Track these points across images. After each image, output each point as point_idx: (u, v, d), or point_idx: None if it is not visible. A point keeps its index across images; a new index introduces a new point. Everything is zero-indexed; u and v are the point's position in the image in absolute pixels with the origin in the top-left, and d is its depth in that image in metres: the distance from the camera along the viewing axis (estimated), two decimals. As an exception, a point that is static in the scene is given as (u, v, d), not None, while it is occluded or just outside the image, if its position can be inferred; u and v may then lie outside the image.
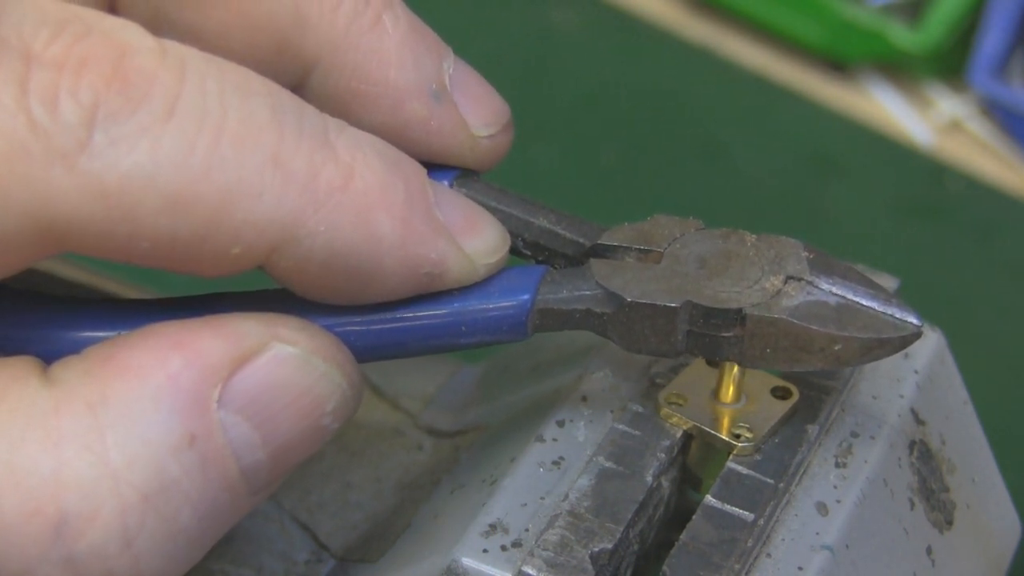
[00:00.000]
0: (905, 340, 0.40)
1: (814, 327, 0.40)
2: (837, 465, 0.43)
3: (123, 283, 0.54)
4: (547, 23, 0.95)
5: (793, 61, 0.93)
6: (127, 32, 0.35)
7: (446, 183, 0.43)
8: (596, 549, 0.40)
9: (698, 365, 0.45)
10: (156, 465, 0.35)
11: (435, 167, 0.42)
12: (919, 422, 0.46)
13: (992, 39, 0.87)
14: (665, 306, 0.40)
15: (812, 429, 0.44)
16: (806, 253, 0.41)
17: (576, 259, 0.42)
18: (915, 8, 0.90)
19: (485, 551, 0.41)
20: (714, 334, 0.40)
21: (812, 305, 0.40)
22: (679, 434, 0.44)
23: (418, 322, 0.40)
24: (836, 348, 0.40)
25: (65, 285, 0.52)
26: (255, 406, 0.36)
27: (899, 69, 0.92)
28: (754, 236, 0.42)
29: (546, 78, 0.92)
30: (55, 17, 0.35)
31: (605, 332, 0.40)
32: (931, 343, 0.47)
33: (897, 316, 0.40)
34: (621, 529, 0.41)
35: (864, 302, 0.40)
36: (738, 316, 0.40)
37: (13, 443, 0.34)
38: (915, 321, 0.40)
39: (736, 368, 0.43)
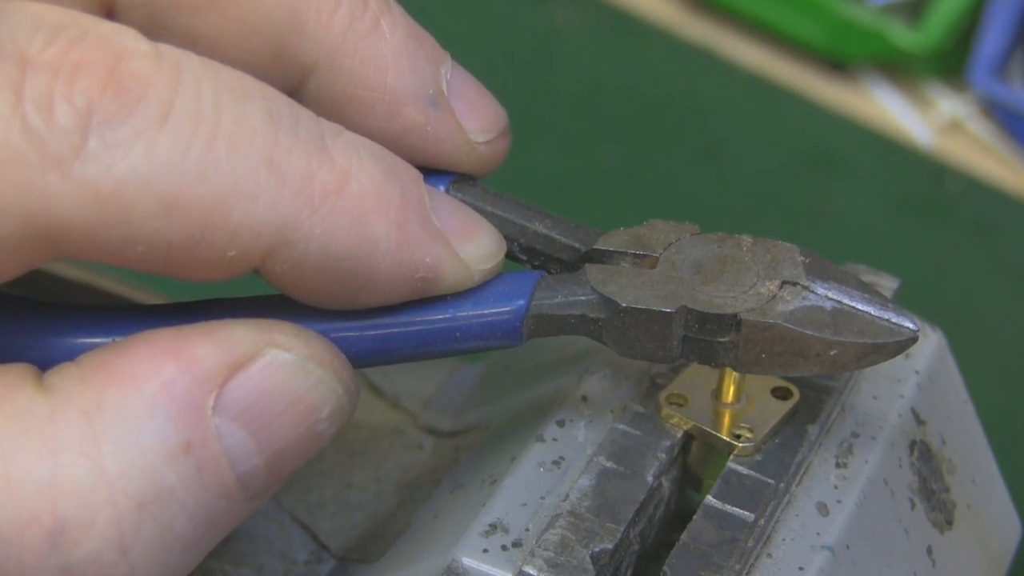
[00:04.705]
0: (901, 345, 0.40)
1: (809, 332, 0.39)
2: (838, 465, 0.43)
3: (122, 283, 0.54)
4: (547, 24, 0.95)
5: (793, 61, 0.93)
6: (122, 37, 0.35)
7: (442, 188, 0.43)
8: (596, 549, 0.40)
9: (698, 365, 0.45)
10: (152, 472, 0.35)
11: (432, 172, 0.42)
12: (919, 422, 0.46)
13: (992, 39, 0.87)
14: (660, 311, 0.40)
15: (813, 429, 0.44)
16: (802, 257, 0.41)
17: (572, 264, 0.42)
18: (915, 8, 0.90)
19: (485, 551, 0.41)
20: (709, 339, 0.40)
21: (808, 310, 0.40)
22: (680, 434, 0.44)
23: (413, 327, 0.40)
24: (832, 353, 0.40)
25: (64, 284, 0.52)
26: (250, 413, 0.36)
27: (899, 69, 0.92)
28: (750, 240, 0.42)
29: (546, 78, 0.92)
30: (50, 22, 0.35)
31: (600, 337, 0.40)
32: (931, 343, 0.47)
33: (893, 321, 0.40)
34: (622, 529, 0.41)
35: (860, 307, 0.40)
36: (733, 321, 0.40)
37: (8, 451, 0.34)
38: (911, 326, 0.40)
39: (736, 369, 0.43)
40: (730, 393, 0.44)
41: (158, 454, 0.35)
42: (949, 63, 0.90)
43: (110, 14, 0.41)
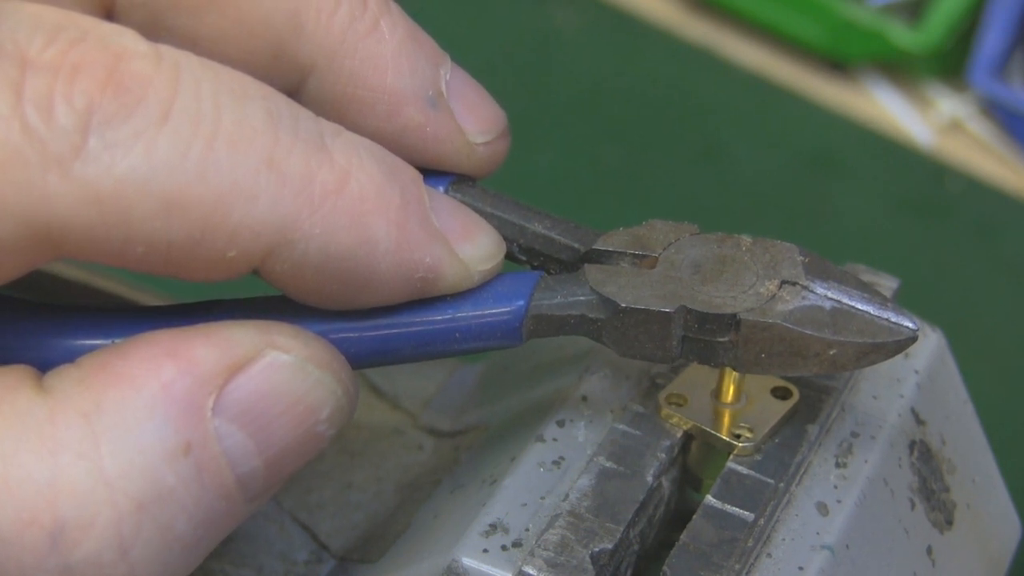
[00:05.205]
0: (900, 344, 0.40)
1: (809, 332, 0.39)
2: (837, 465, 0.43)
3: (122, 283, 0.54)
4: (547, 24, 0.95)
5: (793, 61, 0.93)
6: (122, 37, 0.35)
7: (441, 189, 0.43)
8: (596, 549, 0.40)
9: (698, 365, 0.45)
10: (151, 473, 0.35)
11: (431, 173, 0.42)
12: (919, 422, 0.46)
13: (992, 39, 0.87)
14: (659, 312, 0.40)
15: (812, 429, 0.44)
16: (801, 257, 0.41)
17: (571, 264, 0.42)
18: (915, 8, 0.90)
19: (485, 551, 0.41)
20: (709, 339, 0.40)
21: (807, 310, 0.40)
22: (679, 434, 0.44)
23: (413, 328, 0.40)
24: (831, 353, 0.40)
25: (64, 285, 0.52)
26: (250, 414, 0.36)
27: (899, 69, 0.92)
28: (750, 240, 0.42)
29: (546, 79, 0.92)
30: (50, 23, 0.35)
31: (600, 338, 0.40)
32: (931, 343, 0.47)
33: (893, 320, 0.40)
34: (621, 529, 0.41)
35: (859, 306, 0.40)
36: (732, 321, 0.40)
37: (8, 452, 0.34)
38: (910, 325, 0.40)
39: (735, 369, 0.43)
40: (730, 393, 0.44)
41: (158, 455, 0.35)
42: (949, 63, 0.90)
43: (110, 15, 0.41)
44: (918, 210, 0.85)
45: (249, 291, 0.40)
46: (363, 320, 0.39)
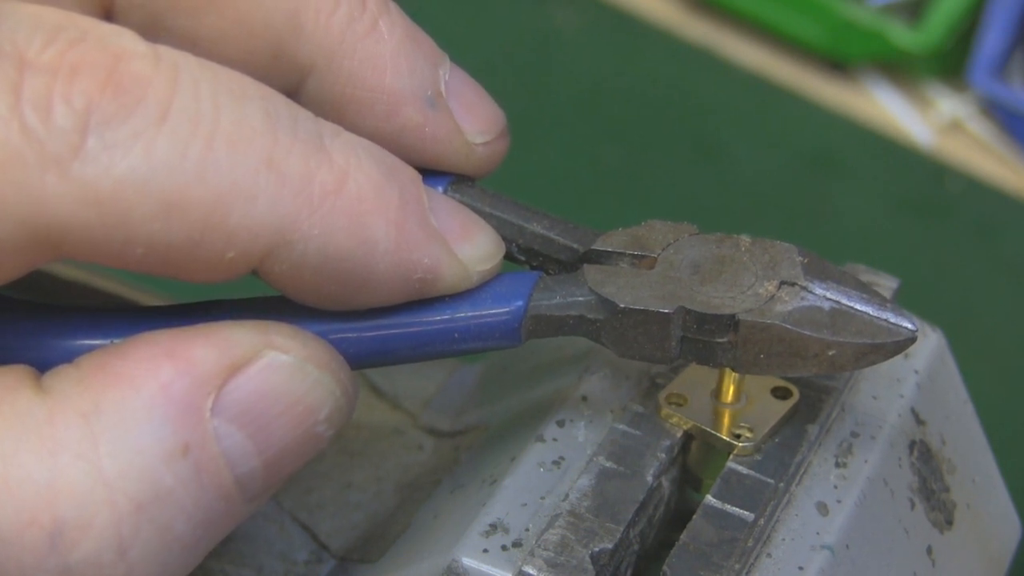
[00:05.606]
0: (899, 345, 0.40)
1: (807, 333, 0.39)
2: (837, 465, 0.43)
3: (121, 284, 0.54)
4: (547, 24, 0.95)
5: (793, 61, 0.93)
6: (121, 38, 0.35)
7: (440, 189, 0.43)
8: (596, 549, 0.40)
9: (698, 365, 0.45)
10: (150, 474, 0.35)
11: (430, 173, 0.42)
12: (919, 422, 0.46)
13: (992, 39, 0.87)
14: (658, 312, 0.40)
15: (812, 429, 0.44)
16: (800, 258, 0.41)
17: (570, 265, 0.42)
18: (915, 8, 0.90)
19: (485, 551, 0.41)
20: (708, 340, 0.40)
21: (806, 310, 0.40)
22: (679, 434, 0.44)
23: (411, 329, 0.40)
24: (830, 354, 0.39)
25: (63, 285, 0.52)
26: (249, 415, 0.36)
27: (899, 69, 0.92)
28: (748, 240, 0.42)
29: (546, 78, 0.92)
30: (49, 23, 0.35)
31: (599, 338, 0.40)
32: (931, 343, 0.47)
33: (892, 321, 0.40)
34: (621, 529, 0.41)
35: (858, 307, 0.40)
36: (731, 322, 0.40)
37: (7, 453, 0.34)
38: (909, 326, 0.40)
39: (735, 369, 0.43)
40: (730, 393, 0.44)
41: (156, 456, 0.35)
42: (949, 63, 0.90)
43: (108, 15, 0.41)
44: (918, 210, 0.85)
45: (249, 291, 0.40)
46: (362, 320, 0.39)
